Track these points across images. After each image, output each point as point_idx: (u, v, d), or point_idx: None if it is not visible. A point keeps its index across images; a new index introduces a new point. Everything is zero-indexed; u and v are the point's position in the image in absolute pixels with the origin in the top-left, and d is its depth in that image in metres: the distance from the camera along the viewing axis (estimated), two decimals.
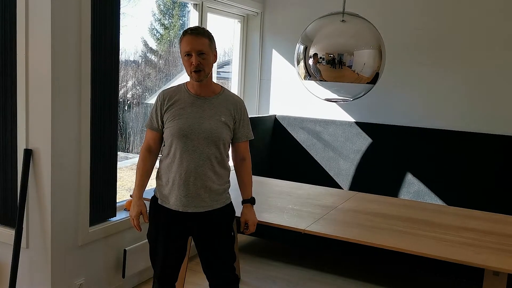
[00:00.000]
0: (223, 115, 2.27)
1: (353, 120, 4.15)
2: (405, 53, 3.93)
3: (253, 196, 2.44)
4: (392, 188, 3.91)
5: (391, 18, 3.94)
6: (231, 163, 2.39)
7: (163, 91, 2.33)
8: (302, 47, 2.67)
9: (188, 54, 2.18)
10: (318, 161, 4.18)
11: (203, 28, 2.28)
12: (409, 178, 3.88)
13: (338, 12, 2.66)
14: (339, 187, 4.05)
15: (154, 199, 2.37)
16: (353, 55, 2.55)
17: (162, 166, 2.32)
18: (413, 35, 3.91)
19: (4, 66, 2.65)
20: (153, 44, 11.25)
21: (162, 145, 2.35)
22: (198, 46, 2.17)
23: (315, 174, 4.16)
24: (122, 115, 10.07)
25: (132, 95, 10.23)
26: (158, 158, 2.40)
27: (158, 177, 2.35)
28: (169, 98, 2.28)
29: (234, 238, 2.45)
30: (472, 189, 3.66)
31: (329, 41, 2.64)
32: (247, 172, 2.44)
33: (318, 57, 2.59)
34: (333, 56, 2.56)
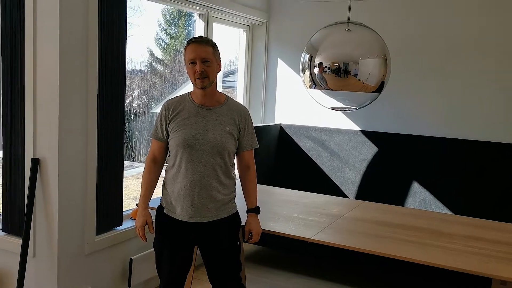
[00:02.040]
0: (228, 125, 2.28)
1: (358, 128, 4.15)
2: (411, 61, 3.94)
3: (258, 205, 2.44)
4: (398, 197, 3.89)
5: (396, 27, 3.95)
6: (236, 172, 2.40)
7: (167, 101, 2.35)
8: (307, 56, 2.68)
9: (193, 62, 2.19)
10: (324, 170, 4.18)
11: (207, 37, 2.30)
12: (415, 187, 3.86)
13: (343, 22, 2.67)
14: (345, 196, 4.04)
15: (160, 209, 2.37)
16: (358, 64, 2.56)
17: (167, 176, 2.33)
18: (418, 44, 3.91)
19: (12, 77, 2.68)
20: (159, 54, 11.31)
21: (168, 155, 2.36)
22: (202, 53, 2.19)
23: (321, 183, 4.15)
24: (128, 124, 10.11)
25: (138, 104, 10.29)
26: (164, 167, 2.41)
27: (164, 187, 2.36)
28: (174, 108, 2.29)
29: (240, 248, 2.45)
30: (479, 198, 3.64)
31: (334, 50, 2.65)
32: (251, 181, 2.43)
33: (324, 66, 2.59)
34: (339, 65, 2.56)
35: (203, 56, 2.19)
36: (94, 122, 2.72)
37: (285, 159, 4.36)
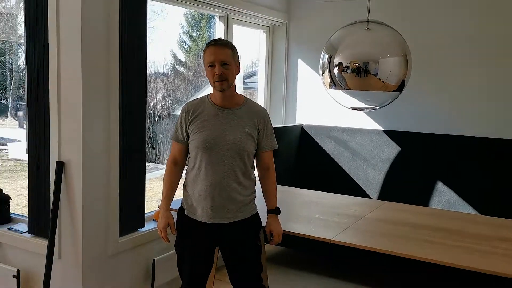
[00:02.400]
0: (247, 126, 2.28)
1: (381, 128, 4.11)
2: (434, 59, 3.88)
3: (278, 206, 2.44)
4: (422, 197, 3.84)
5: (418, 25, 3.89)
6: (256, 173, 2.40)
7: (187, 103, 2.37)
8: (326, 56, 2.66)
9: (212, 65, 2.20)
10: (346, 170, 4.14)
11: (226, 40, 2.31)
12: (440, 186, 3.80)
13: (363, 21, 2.65)
14: (368, 197, 4.00)
15: (181, 210, 2.39)
16: (378, 63, 2.53)
17: (188, 177, 2.34)
18: (440, 42, 3.85)
19: (37, 83, 2.75)
20: (182, 56, 11.40)
21: (188, 156, 2.38)
22: (221, 56, 2.19)
23: (343, 184, 4.12)
24: (152, 126, 10.23)
25: (162, 107, 10.40)
26: (185, 169, 2.43)
27: (184, 188, 2.37)
28: (193, 110, 2.31)
29: (260, 249, 2.45)
30: (506, 197, 3.56)
31: (353, 50, 2.62)
32: (271, 182, 2.43)
33: (343, 65, 2.57)
34: (358, 64, 2.54)
35: (222, 58, 2.20)
36: (116, 125, 2.76)
37: (307, 160, 4.34)
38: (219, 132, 2.25)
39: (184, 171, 2.42)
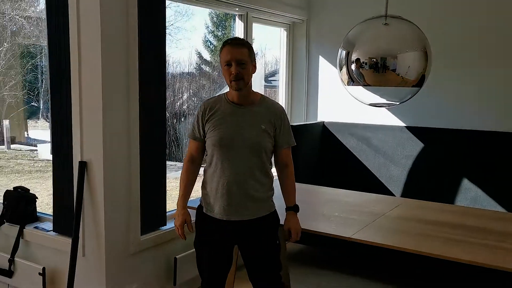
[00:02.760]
0: (263, 123, 2.28)
1: (403, 124, 4.04)
2: (458, 52, 3.79)
3: (297, 203, 2.43)
4: (447, 195, 3.76)
5: (440, 18, 3.81)
6: (274, 171, 2.39)
7: (204, 101, 2.38)
8: (344, 52, 2.64)
9: (228, 64, 2.21)
10: (368, 167, 4.10)
11: (243, 39, 2.31)
12: (466, 183, 3.71)
13: (381, 16, 2.61)
14: (391, 194, 3.94)
15: (200, 208, 2.41)
16: (396, 58, 2.49)
17: (206, 176, 2.36)
18: (465, 33, 3.75)
19: (60, 86, 2.81)
20: (207, 56, 11.45)
21: (205, 154, 2.40)
22: (238, 55, 2.20)
23: (365, 181, 4.08)
24: (178, 126, 10.32)
25: (188, 107, 10.48)
26: (202, 167, 2.45)
27: (202, 186, 2.39)
28: (210, 108, 2.32)
29: (279, 247, 2.44)
30: None
31: (371, 45, 2.59)
32: (290, 179, 2.43)
33: (361, 61, 2.54)
34: (376, 60, 2.51)
35: (238, 58, 2.20)
36: (136, 125, 2.80)
37: (329, 157, 4.31)
38: (236, 130, 2.26)
39: (202, 169, 2.44)
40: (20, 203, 3.10)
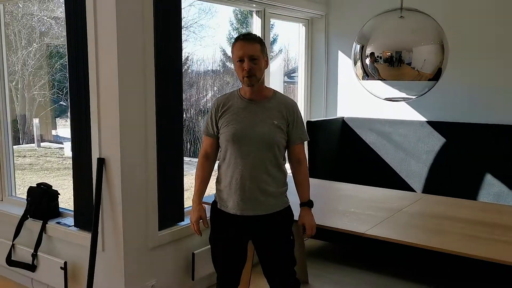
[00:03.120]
0: (276, 118, 2.28)
1: (424, 119, 3.97)
2: (480, 44, 3.69)
3: (311, 199, 2.42)
4: (469, 190, 3.68)
5: (461, 9, 3.73)
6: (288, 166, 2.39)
7: (217, 98, 2.40)
8: (358, 46, 2.61)
9: (240, 60, 2.22)
10: (389, 163, 4.04)
11: (255, 34, 2.32)
12: (489, 178, 3.63)
13: (396, 9, 2.57)
14: (412, 190, 3.88)
15: (214, 204, 2.43)
16: (412, 52, 2.45)
17: (220, 171, 2.38)
18: (488, 25, 3.66)
19: (78, 85, 2.88)
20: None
21: (219, 150, 2.41)
22: (250, 51, 2.21)
23: (385, 177, 4.02)
24: (203, 123, 10.37)
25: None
26: (217, 163, 2.46)
27: (217, 181, 2.41)
28: (223, 104, 2.34)
29: (293, 242, 2.44)
30: None
31: (386, 39, 2.56)
32: (303, 175, 2.42)
33: (375, 56, 2.51)
34: (391, 54, 2.47)
35: (251, 53, 2.21)
36: (153, 121, 2.84)
37: (348, 153, 4.27)
38: (248, 125, 2.27)
39: (216, 165, 2.46)
40: (43, 199, 3.18)
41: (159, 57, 2.83)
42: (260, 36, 3.82)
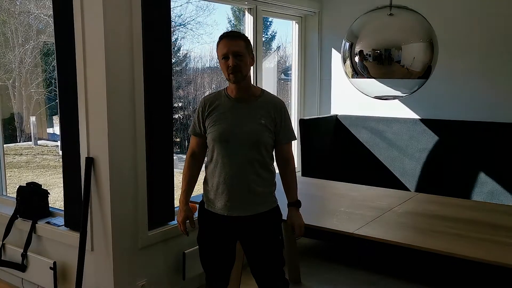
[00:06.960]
0: (263, 118, 2.26)
1: (417, 117, 3.95)
2: (472, 41, 3.67)
3: (298, 199, 2.40)
4: (463, 189, 3.66)
5: (452, 7, 3.70)
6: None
7: (204, 97, 2.38)
8: (347, 44, 2.58)
9: (225, 57, 2.20)
10: (382, 161, 4.02)
11: (239, 32, 2.30)
12: (482, 177, 3.61)
13: (385, 6, 2.54)
14: (405, 188, 3.86)
15: (201, 204, 2.41)
16: (401, 50, 2.42)
17: (207, 171, 2.36)
18: (478, 22, 3.63)
19: (66, 86, 2.86)
20: None
21: (207, 150, 2.39)
22: (235, 48, 2.19)
23: (379, 175, 4.01)
24: None
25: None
26: (204, 163, 2.44)
27: (204, 182, 2.39)
28: (210, 103, 2.32)
29: (282, 242, 2.43)
30: None
31: (375, 37, 2.53)
32: (291, 175, 2.40)
33: (364, 53, 2.49)
34: (380, 52, 2.45)
35: (235, 50, 2.19)
36: (142, 120, 2.81)
37: (342, 151, 4.26)
38: (235, 125, 2.25)
39: (204, 165, 2.44)
40: (33, 198, 3.16)
41: (147, 55, 2.80)
42: (253, 33, 3.83)
